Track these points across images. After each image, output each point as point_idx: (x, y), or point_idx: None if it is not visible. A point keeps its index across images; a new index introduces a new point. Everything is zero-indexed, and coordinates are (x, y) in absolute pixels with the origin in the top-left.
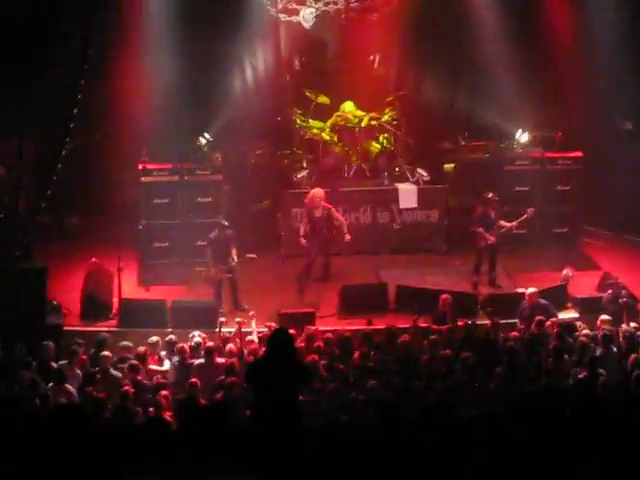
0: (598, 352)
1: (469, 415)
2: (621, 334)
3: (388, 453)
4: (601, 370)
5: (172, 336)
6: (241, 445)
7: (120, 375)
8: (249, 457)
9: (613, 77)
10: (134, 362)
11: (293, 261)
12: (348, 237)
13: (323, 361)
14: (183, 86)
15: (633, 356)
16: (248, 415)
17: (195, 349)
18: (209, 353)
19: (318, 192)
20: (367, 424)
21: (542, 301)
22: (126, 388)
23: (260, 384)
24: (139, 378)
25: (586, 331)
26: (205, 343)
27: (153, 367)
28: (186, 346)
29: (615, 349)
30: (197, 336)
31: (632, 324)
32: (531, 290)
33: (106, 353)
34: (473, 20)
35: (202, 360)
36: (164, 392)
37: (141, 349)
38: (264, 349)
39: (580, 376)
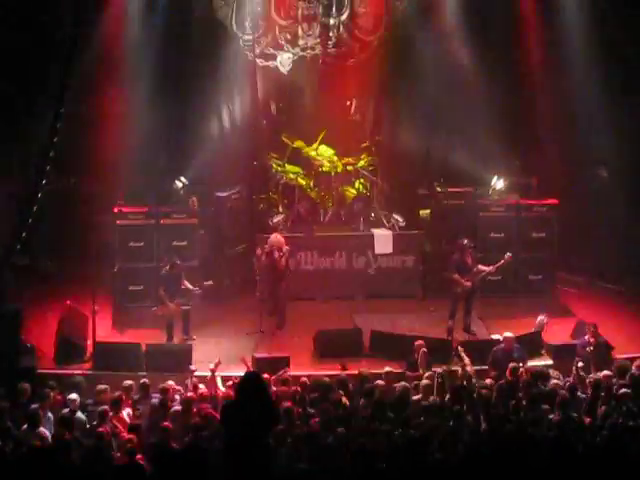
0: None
1: (442, 458)
2: (588, 383)
3: None
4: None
5: (146, 380)
6: None
7: (85, 419)
8: None
9: (589, 123)
10: (105, 407)
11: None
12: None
13: (298, 407)
14: (159, 129)
15: (603, 408)
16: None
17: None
18: (186, 403)
19: (277, 239)
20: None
21: (516, 346)
22: (101, 430)
23: (231, 426)
24: (113, 422)
25: (555, 381)
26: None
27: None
28: (168, 386)
29: (583, 396)
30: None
31: (605, 372)
32: (508, 334)
33: (74, 396)
34: (449, 66)
35: (178, 408)
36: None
37: (116, 394)
38: (235, 391)
39: (552, 417)
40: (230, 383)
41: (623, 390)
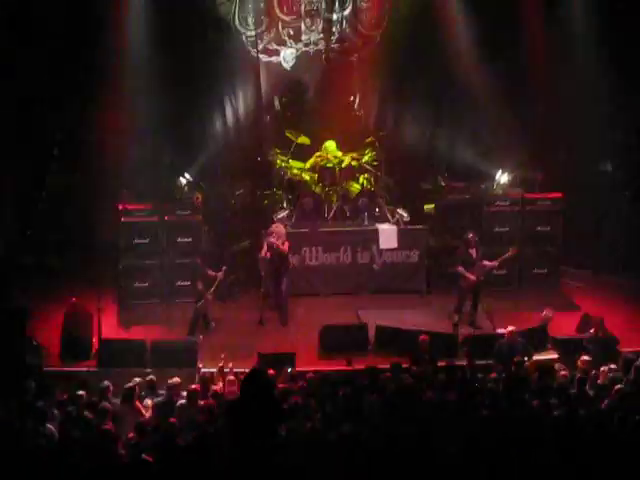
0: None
1: (448, 454)
2: (601, 375)
3: None
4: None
5: (152, 377)
6: None
7: (92, 416)
8: None
9: (594, 118)
10: (106, 405)
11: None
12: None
13: (305, 401)
14: (164, 126)
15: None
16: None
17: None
18: (191, 396)
19: (277, 228)
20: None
21: (520, 339)
22: (106, 428)
23: (235, 423)
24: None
25: (564, 372)
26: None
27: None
28: (176, 382)
29: (591, 391)
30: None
31: (611, 365)
32: (510, 328)
33: (80, 393)
34: (453, 61)
35: (184, 401)
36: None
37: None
38: (239, 388)
39: (556, 413)
40: (231, 379)
41: (620, 386)
